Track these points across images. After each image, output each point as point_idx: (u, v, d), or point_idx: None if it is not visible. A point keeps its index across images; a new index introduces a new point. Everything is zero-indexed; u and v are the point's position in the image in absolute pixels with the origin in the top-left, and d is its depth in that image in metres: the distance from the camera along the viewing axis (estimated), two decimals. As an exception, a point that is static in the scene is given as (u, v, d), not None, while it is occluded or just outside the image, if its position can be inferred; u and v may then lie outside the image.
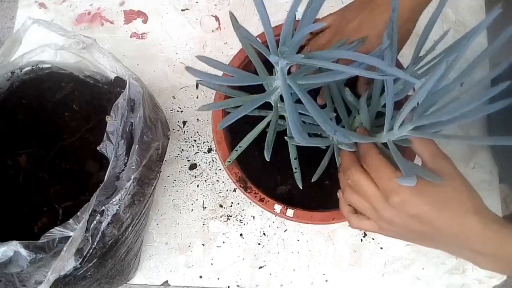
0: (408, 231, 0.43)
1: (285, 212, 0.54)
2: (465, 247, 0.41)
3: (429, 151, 0.43)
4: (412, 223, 0.42)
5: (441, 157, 0.43)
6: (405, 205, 0.41)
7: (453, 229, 0.40)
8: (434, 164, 0.42)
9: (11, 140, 0.61)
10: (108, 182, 0.49)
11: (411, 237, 0.44)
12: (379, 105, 0.49)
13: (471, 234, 0.40)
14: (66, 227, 0.48)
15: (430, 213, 0.40)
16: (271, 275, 0.66)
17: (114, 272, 0.57)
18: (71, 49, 0.56)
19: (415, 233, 0.43)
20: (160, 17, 0.78)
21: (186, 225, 0.68)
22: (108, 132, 0.50)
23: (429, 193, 0.41)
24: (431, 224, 0.41)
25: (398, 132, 0.42)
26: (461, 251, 0.42)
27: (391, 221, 0.43)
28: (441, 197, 0.41)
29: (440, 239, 0.42)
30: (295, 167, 0.55)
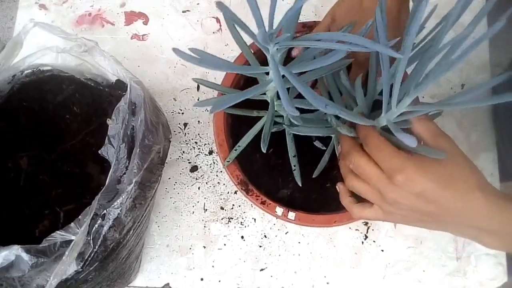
0: (413, 212, 0.42)
1: (287, 215, 0.54)
2: (471, 224, 0.41)
3: (429, 130, 0.42)
4: (417, 202, 0.41)
5: (442, 135, 0.42)
6: (410, 183, 0.40)
7: (458, 206, 0.40)
8: (436, 143, 0.42)
9: (12, 142, 0.61)
10: (110, 185, 0.49)
11: (417, 219, 0.44)
12: (375, 92, 0.48)
13: (476, 211, 0.40)
14: (68, 231, 0.48)
15: (435, 190, 0.40)
16: (272, 277, 0.66)
17: (115, 275, 0.57)
18: (73, 52, 0.56)
19: (420, 214, 0.42)
20: (161, 19, 0.77)
21: (187, 227, 0.68)
22: (109, 136, 0.50)
23: (434, 171, 0.40)
24: (436, 201, 0.40)
25: (397, 110, 0.41)
26: (467, 229, 0.42)
27: (395, 202, 0.42)
28: (445, 174, 0.40)
29: (446, 218, 0.42)
30: (294, 165, 0.55)
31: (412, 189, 0.40)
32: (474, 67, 0.73)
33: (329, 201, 0.58)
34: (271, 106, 0.50)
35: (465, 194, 0.40)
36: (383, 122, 0.44)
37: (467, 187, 0.40)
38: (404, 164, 0.40)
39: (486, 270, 0.66)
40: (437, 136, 0.42)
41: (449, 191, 0.40)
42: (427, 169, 0.40)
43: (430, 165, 0.40)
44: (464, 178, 0.40)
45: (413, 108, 0.41)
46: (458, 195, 0.40)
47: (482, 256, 0.66)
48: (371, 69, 0.48)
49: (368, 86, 0.48)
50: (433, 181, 0.40)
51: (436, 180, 0.40)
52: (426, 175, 0.40)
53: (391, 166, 0.41)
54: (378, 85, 0.48)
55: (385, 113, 0.43)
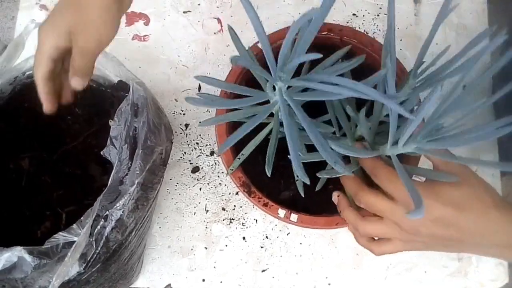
0: (434, 239, 0.42)
1: (289, 217, 0.54)
2: (493, 243, 0.41)
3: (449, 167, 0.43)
4: (436, 228, 0.41)
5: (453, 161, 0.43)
6: (427, 210, 0.40)
7: (479, 227, 0.40)
8: (446, 166, 0.42)
9: (14, 143, 0.61)
10: (112, 186, 0.49)
11: (439, 245, 0.44)
12: (381, 115, 0.48)
13: (496, 229, 0.40)
14: (70, 232, 0.48)
15: (453, 213, 0.40)
16: (273, 278, 0.66)
17: (117, 276, 0.57)
18: None
19: (442, 239, 0.42)
20: (162, 19, 0.77)
21: (188, 228, 0.68)
22: (112, 137, 0.50)
23: (448, 194, 0.40)
24: (455, 225, 0.41)
25: (403, 149, 0.41)
26: (490, 249, 0.42)
27: (415, 232, 0.42)
28: (460, 197, 0.40)
29: (468, 240, 0.42)
30: (297, 175, 0.55)
31: (430, 215, 0.40)
32: (475, 68, 0.73)
33: (331, 203, 0.58)
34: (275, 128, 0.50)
35: (483, 214, 0.40)
36: (388, 153, 0.44)
37: (484, 207, 0.40)
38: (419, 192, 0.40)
39: (487, 271, 0.66)
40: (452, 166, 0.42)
41: (466, 213, 0.40)
42: (441, 193, 0.40)
43: (444, 189, 0.41)
44: (479, 198, 0.41)
45: (419, 151, 0.41)
46: (475, 216, 0.40)
47: (483, 257, 0.66)
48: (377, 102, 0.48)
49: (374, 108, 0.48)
50: (449, 204, 0.40)
51: (452, 204, 0.40)
52: (442, 200, 0.40)
53: (405, 195, 0.40)
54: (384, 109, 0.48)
55: (390, 146, 0.43)
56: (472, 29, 0.76)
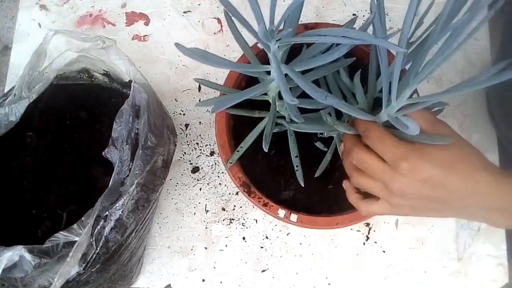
0: (421, 201, 0.42)
1: (289, 217, 0.54)
2: (480, 205, 0.42)
3: (426, 119, 0.42)
4: (424, 189, 0.41)
5: (439, 122, 0.43)
6: (415, 170, 0.40)
7: (467, 187, 0.40)
8: (434, 130, 0.42)
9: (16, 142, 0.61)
10: (113, 187, 0.49)
11: (426, 207, 0.44)
12: (375, 90, 0.48)
13: (485, 191, 0.41)
14: (71, 231, 0.48)
15: (441, 174, 0.40)
16: (273, 278, 0.66)
17: (117, 277, 0.57)
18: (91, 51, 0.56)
19: (429, 201, 0.42)
20: (162, 19, 0.77)
21: (188, 229, 0.68)
22: (113, 138, 0.50)
23: (437, 156, 0.40)
24: (443, 186, 0.41)
25: (397, 103, 0.41)
26: (478, 211, 0.42)
27: (402, 192, 0.42)
28: (449, 158, 0.41)
29: (456, 202, 0.42)
30: (296, 165, 0.55)
31: (418, 176, 0.40)
32: (475, 68, 0.74)
33: (331, 203, 0.58)
34: (273, 106, 0.50)
35: (472, 175, 0.40)
36: (384, 118, 0.44)
37: (473, 168, 0.40)
38: (408, 152, 0.40)
39: (487, 271, 0.66)
40: (435, 124, 0.42)
41: (455, 174, 0.40)
42: (431, 154, 0.40)
43: (433, 150, 0.41)
44: (468, 160, 0.41)
45: (413, 100, 0.41)
46: (464, 177, 0.40)
47: (483, 257, 0.66)
48: (371, 67, 0.48)
49: (368, 84, 0.49)
50: (438, 166, 0.40)
51: (441, 165, 0.40)
52: (431, 161, 0.40)
53: (395, 156, 0.41)
54: (378, 83, 0.48)
55: (386, 108, 0.43)
56: (472, 30, 0.76)
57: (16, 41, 0.78)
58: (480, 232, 0.67)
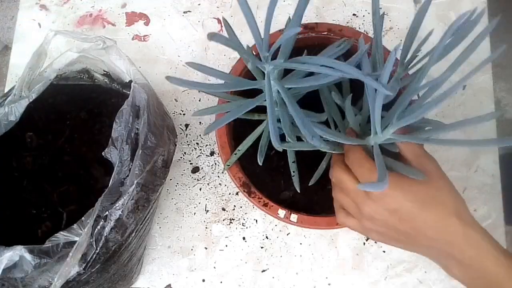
0: (388, 230, 0.42)
1: (289, 217, 0.54)
2: (443, 251, 0.40)
3: (414, 151, 0.42)
4: (392, 220, 0.41)
5: (425, 157, 0.42)
6: (385, 199, 0.40)
7: (434, 230, 0.39)
8: (418, 164, 0.41)
9: (16, 142, 0.61)
10: (113, 187, 0.49)
11: (392, 238, 0.43)
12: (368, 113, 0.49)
13: (451, 239, 0.39)
14: (71, 231, 0.48)
15: (411, 210, 0.39)
16: (273, 278, 0.66)
17: (117, 277, 0.57)
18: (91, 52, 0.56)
19: (395, 232, 0.42)
20: (162, 20, 0.77)
21: (188, 229, 0.68)
22: (113, 138, 0.50)
23: (411, 190, 0.40)
24: (411, 221, 0.40)
25: (382, 135, 0.41)
26: (439, 256, 0.41)
27: (371, 217, 0.42)
28: (423, 196, 0.39)
29: (421, 241, 0.41)
30: (293, 171, 0.55)
31: (387, 205, 0.40)
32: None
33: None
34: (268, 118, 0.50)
35: (442, 220, 0.39)
36: (370, 143, 0.44)
37: (446, 212, 0.39)
38: None
39: (487, 271, 0.66)
40: (420, 157, 0.42)
41: (425, 213, 0.39)
42: (405, 187, 0.40)
43: (409, 184, 0.40)
44: (443, 202, 0.40)
45: (397, 137, 0.41)
46: (434, 219, 0.39)
47: (483, 257, 0.66)
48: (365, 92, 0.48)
49: (363, 105, 0.49)
50: (409, 200, 0.39)
51: (413, 200, 0.39)
52: (403, 193, 0.40)
53: (369, 180, 0.41)
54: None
55: (373, 136, 0.43)
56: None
57: (16, 41, 0.78)
58: (480, 232, 0.67)
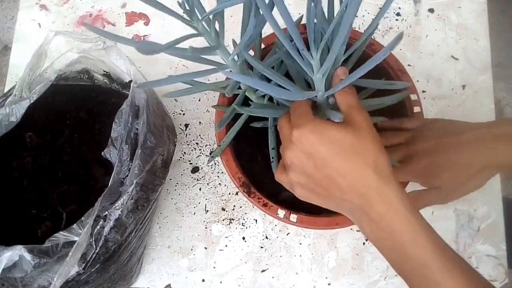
0: (307, 179, 0.40)
1: (289, 217, 0.54)
2: (356, 205, 0.39)
3: (347, 101, 0.41)
4: (308, 165, 0.39)
5: (358, 109, 0.40)
6: (302, 140, 0.39)
7: (346, 180, 0.38)
8: (348, 114, 0.40)
9: (17, 142, 0.61)
10: (113, 187, 0.49)
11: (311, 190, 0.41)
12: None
13: (364, 191, 0.37)
14: (71, 231, 0.48)
15: (326, 154, 0.38)
16: (273, 278, 0.66)
17: (116, 277, 0.57)
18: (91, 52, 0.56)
19: (313, 182, 0.40)
20: (162, 19, 0.77)
21: (188, 229, 0.68)
22: (112, 138, 0.50)
23: (330, 134, 0.38)
24: (324, 168, 0.38)
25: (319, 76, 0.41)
26: (353, 209, 0.39)
27: (291, 163, 0.41)
28: (341, 142, 0.38)
29: (334, 192, 0.39)
30: (272, 157, 0.55)
31: (304, 148, 0.39)
32: (475, 69, 0.74)
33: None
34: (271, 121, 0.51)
35: (356, 169, 0.37)
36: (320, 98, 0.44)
37: (363, 162, 0.37)
38: (305, 122, 0.39)
39: (487, 271, 0.66)
40: (353, 108, 0.40)
41: (339, 159, 0.38)
42: (325, 130, 0.38)
43: (330, 128, 0.38)
44: (361, 152, 0.38)
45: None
46: (348, 167, 0.37)
47: (483, 257, 0.66)
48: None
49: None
50: (325, 144, 0.38)
51: (329, 144, 0.38)
52: (320, 136, 0.38)
53: (295, 123, 0.40)
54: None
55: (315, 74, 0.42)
56: (472, 29, 0.76)
57: (16, 41, 0.78)
58: (480, 233, 0.67)
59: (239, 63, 0.45)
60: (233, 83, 0.46)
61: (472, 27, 0.76)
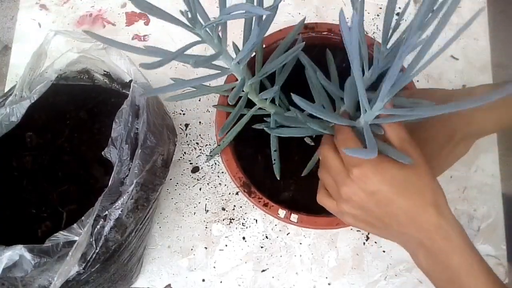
0: (364, 213, 0.42)
1: (289, 217, 0.54)
2: (415, 238, 0.40)
3: (398, 134, 0.41)
4: (369, 202, 0.40)
5: (410, 143, 0.41)
6: (364, 180, 0.39)
7: (408, 216, 0.39)
8: (402, 148, 0.41)
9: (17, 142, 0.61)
10: (113, 187, 0.49)
11: (367, 222, 0.43)
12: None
13: (424, 227, 0.39)
14: (71, 231, 0.48)
15: (388, 193, 0.39)
16: (273, 278, 0.66)
17: (116, 276, 0.57)
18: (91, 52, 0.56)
19: (369, 216, 0.41)
20: (162, 19, 0.77)
21: (188, 228, 0.68)
22: (113, 138, 0.50)
23: (391, 173, 0.39)
24: (387, 205, 0.39)
25: (372, 112, 0.40)
26: (411, 243, 0.41)
27: (349, 198, 0.41)
28: (403, 181, 0.39)
29: (395, 226, 0.40)
30: (274, 159, 0.55)
31: (366, 186, 0.40)
32: (475, 68, 0.74)
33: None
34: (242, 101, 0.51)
35: (418, 206, 0.39)
36: (361, 123, 0.43)
37: (423, 200, 0.39)
38: (365, 160, 0.39)
39: (487, 271, 0.66)
40: (405, 141, 0.41)
41: (402, 198, 0.39)
42: (386, 170, 0.39)
43: (390, 167, 0.39)
44: (421, 190, 0.39)
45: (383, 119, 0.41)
46: (410, 205, 0.39)
47: (483, 257, 0.66)
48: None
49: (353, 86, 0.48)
50: (388, 183, 0.39)
51: (392, 184, 0.39)
52: (383, 176, 0.39)
53: (351, 160, 0.40)
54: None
55: (363, 115, 0.42)
56: (471, 29, 0.76)
57: (16, 41, 0.78)
58: (479, 232, 0.67)
59: (241, 67, 0.44)
60: (236, 90, 0.46)
61: (472, 27, 0.75)
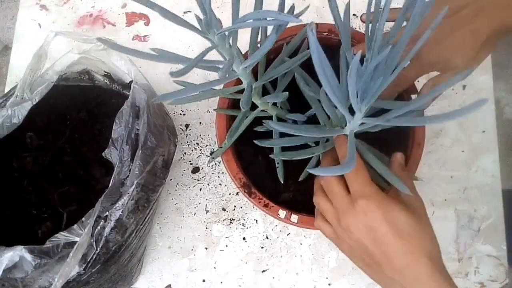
0: (360, 246, 0.42)
1: (290, 218, 0.54)
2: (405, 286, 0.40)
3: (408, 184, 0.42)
4: (367, 237, 0.40)
5: (414, 191, 0.43)
6: (368, 213, 0.40)
7: (402, 262, 0.39)
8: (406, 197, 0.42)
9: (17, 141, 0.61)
10: (113, 187, 0.49)
11: (360, 257, 0.43)
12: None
13: (416, 277, 0.39)
14: (71, 232, 0.48)
15: (387, 233, 0.39)
16: (274, 278, 0.66)
17: (117, 277, 0.57)
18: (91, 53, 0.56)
19: (365, 253, 0.42)
20: (162, 20, 0.76)
21: (189, 229, 0.68)
22: (113, 139, 0.50)
23: (395, 214, 0.40)
24: (383, 245, 0.40)
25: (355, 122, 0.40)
26: None
27: (348, 228, 0.42)
28: (405, 225, 0.39)
29: (385, 269, 0.41)
30: (277, 162, 0.55)
31: (366, 219, 0.40)
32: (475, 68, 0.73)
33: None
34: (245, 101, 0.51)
35: (414, 255, 0.39)
36: (347, 131, 0.43)
37: (419, 250, 0.39)
38: (373, 194, 0.40)
39: (487, 271, 0.66)
40: (412, 192, 0.42)
41: (399, 242, 0.39)
42: (391, 209, 0.40)
43: (395, 209, 0.40)
44: (421, 241, 0.40)
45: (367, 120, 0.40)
46: (406, 250, 0.39)
47: (484, 258, 0.66)
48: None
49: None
50: (389, 223, 0.39)
51: (393, 224, 0.39)
52: (386, 214, 0.39)
53: (360, 191, 0.41)
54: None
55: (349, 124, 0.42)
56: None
57: (16, 41, 0.78)
58: (480, 233, 0.67)
59: (248, 71, 0.44)
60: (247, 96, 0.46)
61: (472, 27, 0.76)
